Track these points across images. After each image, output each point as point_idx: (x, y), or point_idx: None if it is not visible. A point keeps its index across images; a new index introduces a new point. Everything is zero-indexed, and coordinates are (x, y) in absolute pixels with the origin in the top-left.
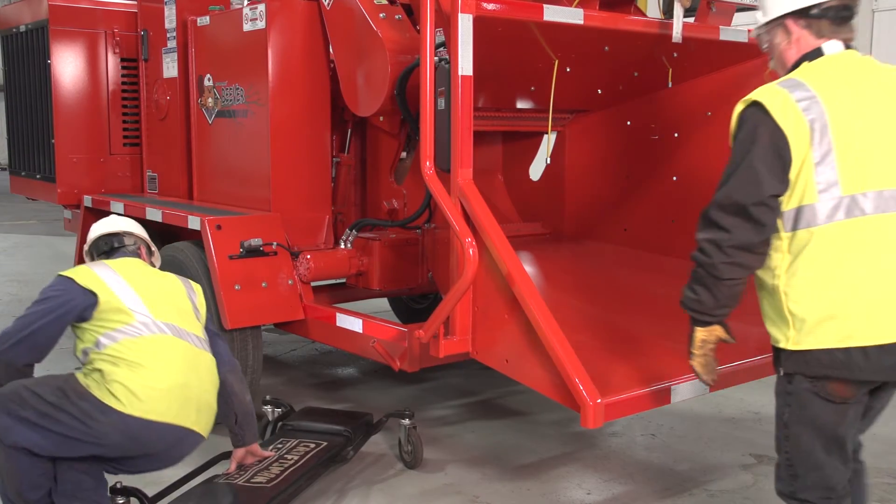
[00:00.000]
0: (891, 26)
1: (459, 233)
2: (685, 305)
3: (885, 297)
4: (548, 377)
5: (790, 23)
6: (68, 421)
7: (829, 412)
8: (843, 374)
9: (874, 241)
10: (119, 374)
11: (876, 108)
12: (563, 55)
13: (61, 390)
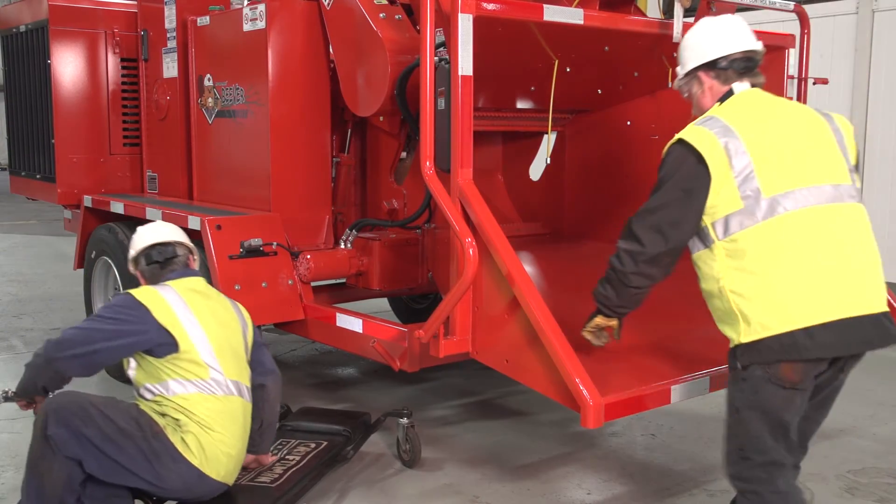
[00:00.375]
0: (891, 26)
1: (459, 233)
2: (595, 296)
3: (816, 279)
4: (548, 377)
5: (702, 74)
6: (135, 454)
7: (778, 397)
8: (792, 356)
9: (798, 232)
10: (193, 427)
11: (781, 128)
12: (563, 55)
13: (136, 422)
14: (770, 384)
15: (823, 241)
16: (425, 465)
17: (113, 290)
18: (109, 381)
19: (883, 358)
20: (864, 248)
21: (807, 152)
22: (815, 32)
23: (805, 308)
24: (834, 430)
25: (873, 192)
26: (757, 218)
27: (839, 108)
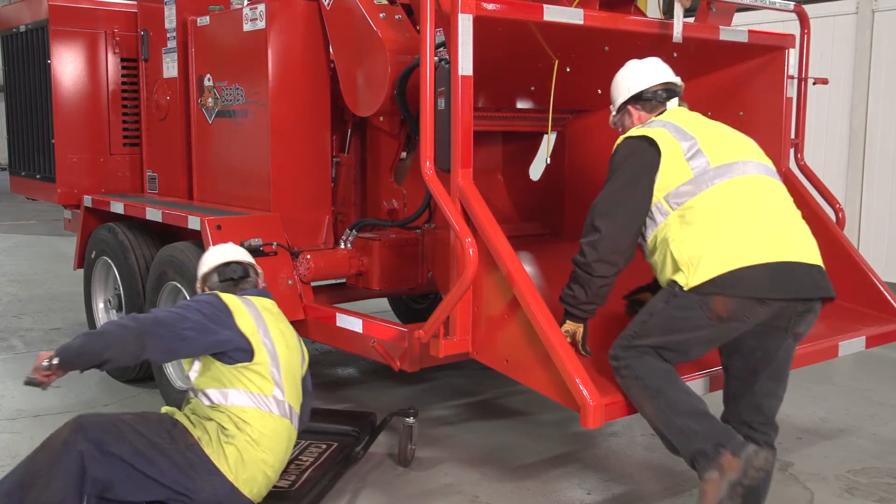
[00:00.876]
0: (891, 26)
1: (459, 233)
2: (562, 300)
3: (754, 231)
4: (548, 377)
5: (631, 107)
6: (168, 467)
7: (697, 325)
8: (727, 291)
9: (739, 194)
10: (241, 440)
11: (711, 123)
12: (563, 55)
13: (169, 435)
14: (698, 308)
15: (760, 202)
16: (425, 465)
17: (113, 290)
18: (109, 381)
19: (883, 358)
20: (793, 214)
21: (735, 139)
22: (815, 32)
23: (743, 252)
24: (834, 430)
25: (873, 192)
26: (705, 185)
27: (839, 108)
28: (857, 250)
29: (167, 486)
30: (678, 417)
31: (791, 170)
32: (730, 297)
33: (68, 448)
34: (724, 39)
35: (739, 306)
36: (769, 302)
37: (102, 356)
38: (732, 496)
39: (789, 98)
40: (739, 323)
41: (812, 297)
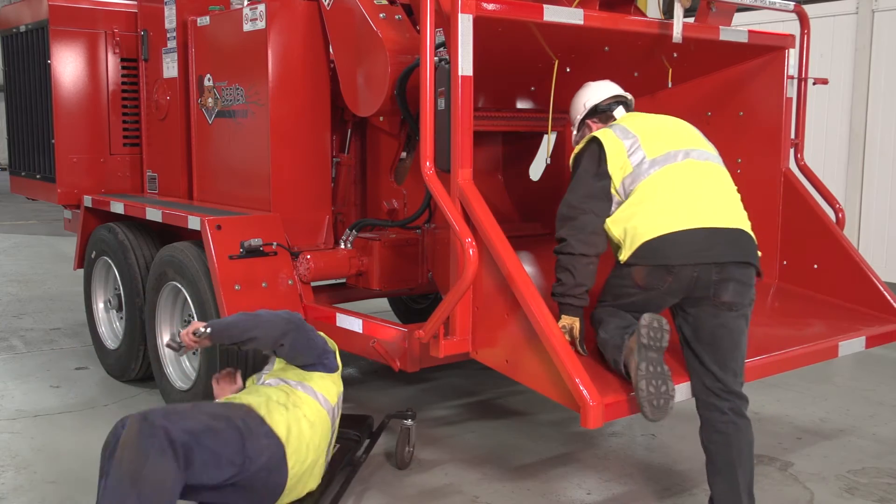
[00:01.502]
0: (891, 26)
1: (459, 233)
2: (553, 295)
3: (679, 204)
4: (548, 377)
5: (589, 122)
6: (230, 436)
7: (627, 288)
8: (640, 260)
9: (668, 178)
10: (294, 413)
11: (655, 119)
12: (563, 55)
13: (225, 407)
14: (628, 279)
15: (690, 182)
16: (425, 465)
17: (113, 290)
18: (109, 381)
19: (883, 358)
20: (723, 189)
21: (676, 130)
22: (815, 32)
23: (660, 224)
24: (834, 430)
25: (873, 192)
26: (643, 176)
27: (839, 108)
28: (857, 250)
29: (230, 460)
30: (606, 333)
31: (791, 170)
32: (643, 267)
33: (151, 431)
34: (724, 39)
35: (650, 275)
36: (676, 268)
37: (249, 333)
38: (649, 364)
39: (789, 98)
40: (656, 291)
41: (722, 261)
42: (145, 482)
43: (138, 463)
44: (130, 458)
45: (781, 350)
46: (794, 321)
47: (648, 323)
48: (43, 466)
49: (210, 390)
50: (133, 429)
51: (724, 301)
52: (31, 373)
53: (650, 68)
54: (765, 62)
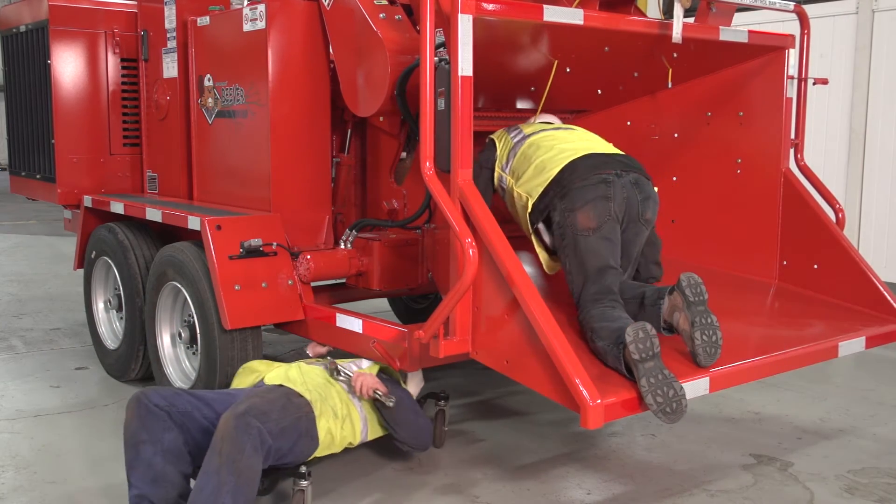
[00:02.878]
0: (891, 26)
1: (459, 233)
2: None
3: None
4: (548, 377)
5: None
6: (292, 434)
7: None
8: (567, 188)
9: (547, 139)
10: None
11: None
12: (563, 55)
13: (293, 403)
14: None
15: (565, 135)
16: (425, 465)
17: (113, 290)
18: (109, 381)
19: (883, 358)
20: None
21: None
22: (815, 32)
23: (561, 157)
24: (834, 430)
25: (873, 192)
26: (520, 145)
27: (839, 108)
28: (857, 250)
29: (284, 454)
30: (601, 341)
31: (791, 170)
32: (581, 209)
33: (247, 429)
34: (724, 39)
35: (593, 209)
36: (611, 190)
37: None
38: (650, 377)
39: (789, 98)
40: (607, 224)
41: (630, 171)
42: (241, 472)
43: (236, 454)
44: (229, 450)
45: (781, 350)
46: (794, 321)
47: (634, 338)
48: (43, 466)
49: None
50: (230, 423)
51: (647, 218)
52: (31, 373)
53: (650, 68)
54: (765, 62)
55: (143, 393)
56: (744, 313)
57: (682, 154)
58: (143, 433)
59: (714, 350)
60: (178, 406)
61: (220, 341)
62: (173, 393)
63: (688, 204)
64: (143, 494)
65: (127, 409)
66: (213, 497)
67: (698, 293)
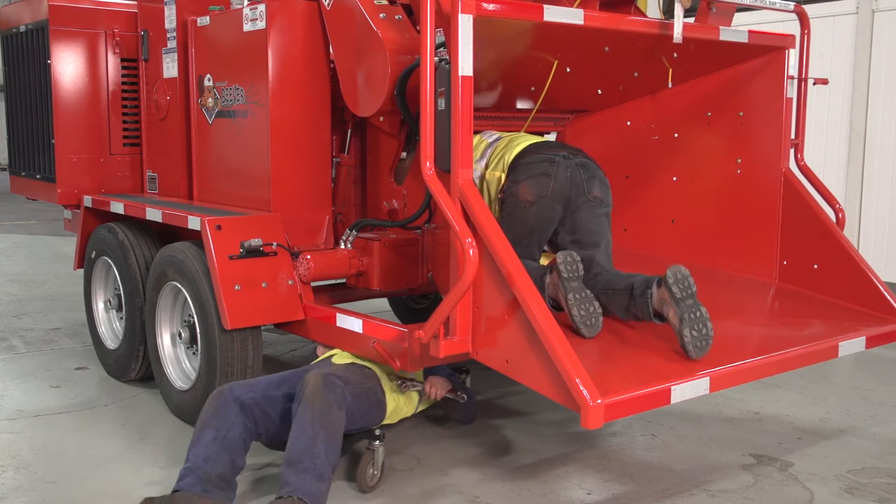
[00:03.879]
0: (891, 26)
1: (459, 233)
2: None
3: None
4: (548, 377)
5: None
6: (367, 401)
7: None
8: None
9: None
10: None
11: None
12: (563, 55)
13: (367, 375)
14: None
15: (534, 138)
16: (425, 465)
17: (113, 290)
18: (109, 381)
19: (883, 358)
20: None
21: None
22: (815, 32)
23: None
24: (834, 430)
25: (873, 192)
26: (497, 141)
27: (839, 108)
28: (857, 250)
29: (356, 419)
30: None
31: (791, 170)
32: (524, 181)
33: (333, 387)
34: (724, 39)
35: (534, 184)
36: (553, 169)
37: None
38: (575, 293)
39: (789, 98)
40: (545, 199)
41: (576, 153)
42: (331, 424)
43: (326, 408)
44: (320, 405)
45: (781, 350)
46: (794, 321)
47: (563, 259)
48: (43, 466)
49: (209, 391)
50: (318, 381)
51: (595, 195)
52: (31, 373)
53: (650, 68)
54: (765, 62)
55: (230, 387)
56: (744, 313)
57: (682, 154)
58: (213, 420)
59: (704, 343)
60: (253, 396)
61: (221, 341)
62: (252, 383)
63: (688, 204)
64: (192, 467)
65: (210, 396)
66: (310, 445)
67: (685, 287)
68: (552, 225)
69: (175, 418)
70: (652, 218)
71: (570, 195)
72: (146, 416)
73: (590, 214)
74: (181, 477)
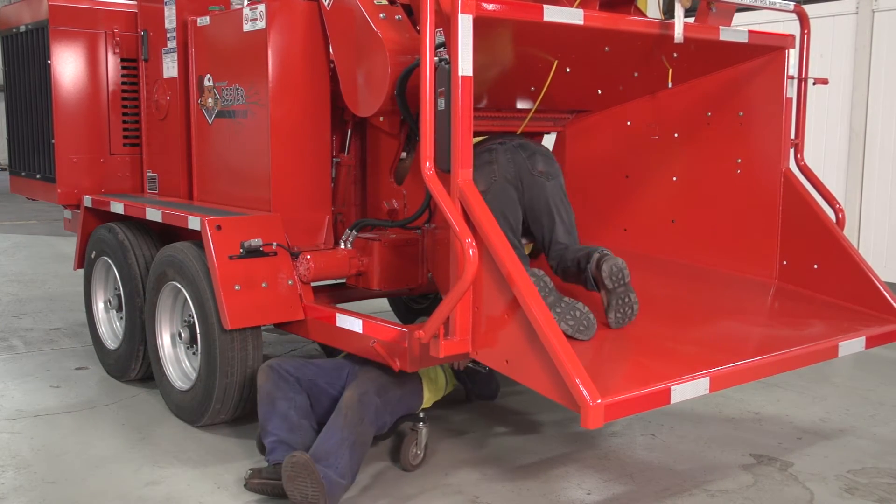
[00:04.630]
0: (891, 26)
1: (459, 233)
2: None
3: None
4: (548, 377)
5: None
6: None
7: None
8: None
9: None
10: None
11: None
12: (563, 55)
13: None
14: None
15: None
16: (425, 465)
17: (113, 290)
18: (109, 381)
19: (883, 358)
20: None
21: None
22: (815, 32)
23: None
24: (834, 430)
25: (873, 192)
26: None
27: (839, 108)
28: (857, 250)
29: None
30: None
31: (791, 170)
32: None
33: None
34: (724, 39)
35: (481, 176)
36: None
37: None
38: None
39: (789, 98)
40: (496, 184)
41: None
42: (359, 434)
43: (357, 421)
44: (352, 417)
45: (781, 350)
46: (794, 321)
47: (532, 279)
48: (43, 466)
49: (209, 391)
50: (354, 398)
51: (541, 170)
52: (31, 373)
53: (650, 68)
54: (765, 62)
55: (276, 362)
56: (744, 313)
57: (682, 154)
58: (277, 392)
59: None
60: (305, 375)
61: (220, 341)
62: (301, 364)
63: (688, 204)
64: (282, 439)
65: (260, 375)
66: (336, 447)
67: (619, 279)
68: (515, 207)
69: (175, 418)
70: (652, 218)
71: (518, 175)
72: (146, 416)
73: (540, 191)
74: (271, 450)
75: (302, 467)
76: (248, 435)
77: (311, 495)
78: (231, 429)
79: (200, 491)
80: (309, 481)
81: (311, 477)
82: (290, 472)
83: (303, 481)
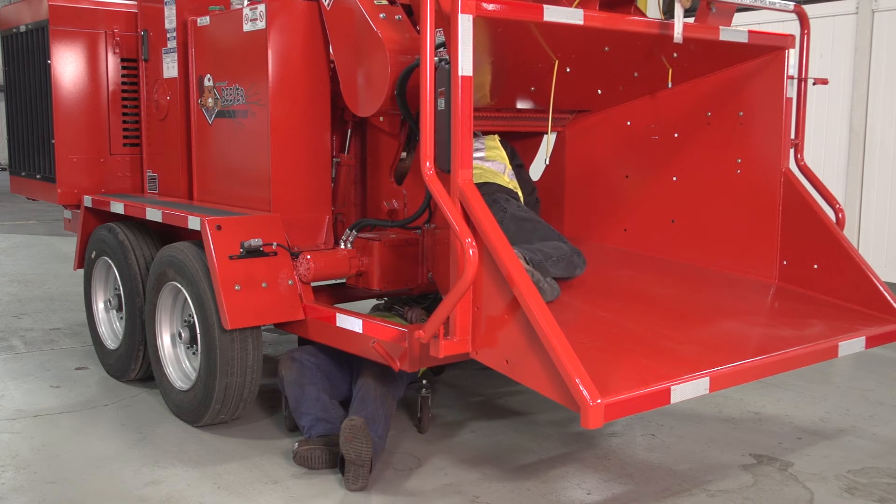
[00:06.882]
0: (891, 26)
1: (459, 233)
2: None
3: None
4: (548, 377)
5: None
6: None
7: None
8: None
9: None
10: None
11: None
12: (563, 55)
13: None
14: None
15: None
16: (425, 465)
17: (113, 290)
18: (109, 382)
19: (883, 358)
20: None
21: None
22: (815, 32)
23: None
24: (834, 430)
25: (873, 192)
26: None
27: (839, 108)
28: (857, 250)
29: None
30: None
31: (791, 170)
32: None
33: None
34: (724, 39)
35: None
36: None
37: None
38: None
39: (789, 98)
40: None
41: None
42: (389, 403)
43: (384, 390)
44: (381, 388)
45: (781, 350)
46: (794, 321)
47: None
48: (43, 466)
49: (209, 391)
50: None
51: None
52: (31, 373)
53: (650, 68)
54: (765, 62)
55: (297, 353)
56: (744, 313)
57: (682, 154)
58: (304, 378)
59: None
60: (321, 361)
61: (220, 341)
62: (315, 351)
63: (688, 204)
64: (318, 417)
65: (283, 366)
66: (373, 415)
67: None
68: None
69: (175, 418)
70: (652, 218)
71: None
72: (146, 416)
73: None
74: (310, 426)
75: (359, 430)
76: (248, 435)
77: (364, 453)
78: (231, 429)
79: (200, 491)
80: (364, 442)
81: (366, 438)
82: (349, 434)
83: (359, 442)
